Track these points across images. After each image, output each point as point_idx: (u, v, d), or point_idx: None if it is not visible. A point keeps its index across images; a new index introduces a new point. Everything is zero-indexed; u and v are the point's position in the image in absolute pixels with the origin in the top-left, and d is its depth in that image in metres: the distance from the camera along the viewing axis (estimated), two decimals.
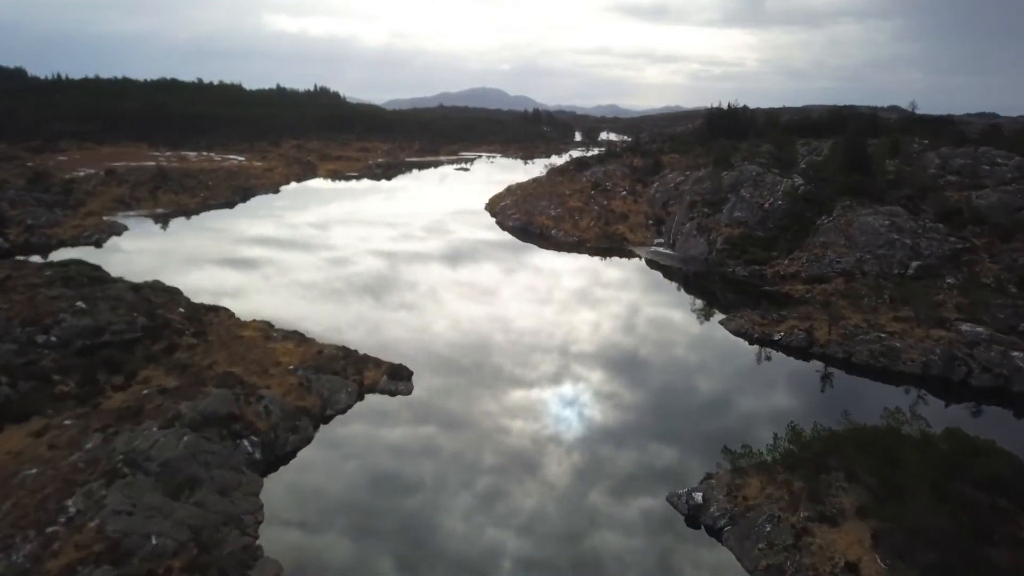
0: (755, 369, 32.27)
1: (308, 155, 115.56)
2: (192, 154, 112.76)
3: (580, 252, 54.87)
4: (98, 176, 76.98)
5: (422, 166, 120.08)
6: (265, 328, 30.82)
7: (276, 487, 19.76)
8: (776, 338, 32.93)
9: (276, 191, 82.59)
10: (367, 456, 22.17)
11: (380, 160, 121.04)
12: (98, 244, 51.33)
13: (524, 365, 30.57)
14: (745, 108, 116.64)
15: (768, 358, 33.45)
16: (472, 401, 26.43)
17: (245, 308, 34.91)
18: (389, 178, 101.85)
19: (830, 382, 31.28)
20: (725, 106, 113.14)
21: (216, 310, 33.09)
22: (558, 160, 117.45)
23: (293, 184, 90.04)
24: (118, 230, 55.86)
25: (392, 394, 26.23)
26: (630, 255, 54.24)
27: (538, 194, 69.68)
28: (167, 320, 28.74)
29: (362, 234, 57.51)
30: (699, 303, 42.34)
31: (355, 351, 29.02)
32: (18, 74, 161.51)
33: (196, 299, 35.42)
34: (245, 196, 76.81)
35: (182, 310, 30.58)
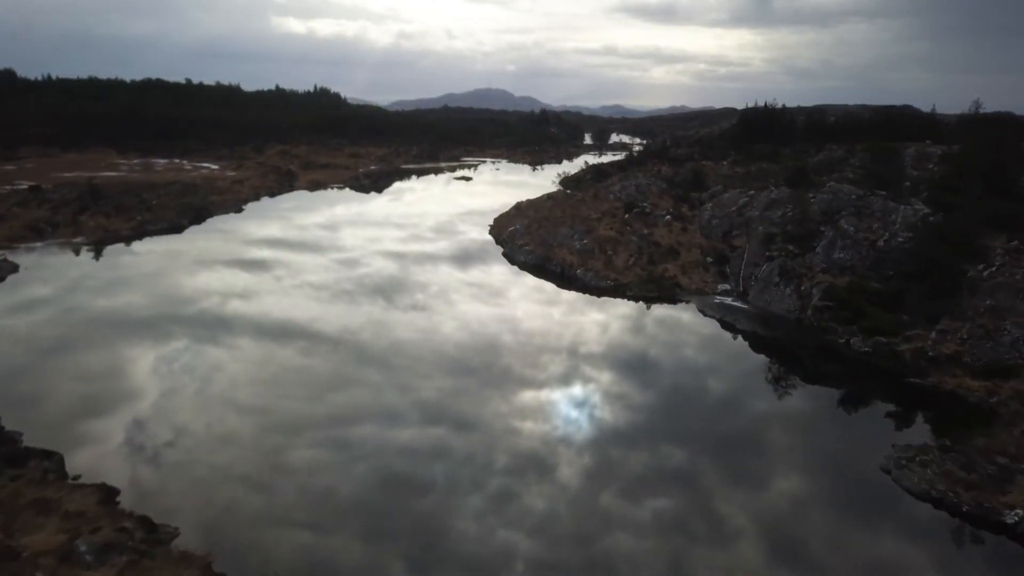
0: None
1: (291, 163, 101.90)
2: (162, 161, 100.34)
3: (616, 297, 40.96)
4: (20, 193, 63.55)
5: (420, 173, 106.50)
6: (83, 520, 16.74)
7: None
8: (1010, 522, 18.47)
9: (239, 210, 68.50)
10: None
11: (372, 167, 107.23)
12: None
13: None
14: (784, 108, 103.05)
15: (979, 541, 19.32)
16: None
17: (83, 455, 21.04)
18: (379, 190, 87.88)
19: None
20: (739, 105, 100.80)
21: (23, 460, 19.04)
22: (570, 166, 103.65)
23: (265, 199, 76.01)
24: (3, 272, 42.00)
25: None
26: (675, 301, 40.20)
27: (555, 217, 55.37)
28: None
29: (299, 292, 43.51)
30: (831, 421, 28.04)
31: None
32: (7, 75, 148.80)
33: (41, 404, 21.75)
34: (198, 217, 62.72)
35: None
